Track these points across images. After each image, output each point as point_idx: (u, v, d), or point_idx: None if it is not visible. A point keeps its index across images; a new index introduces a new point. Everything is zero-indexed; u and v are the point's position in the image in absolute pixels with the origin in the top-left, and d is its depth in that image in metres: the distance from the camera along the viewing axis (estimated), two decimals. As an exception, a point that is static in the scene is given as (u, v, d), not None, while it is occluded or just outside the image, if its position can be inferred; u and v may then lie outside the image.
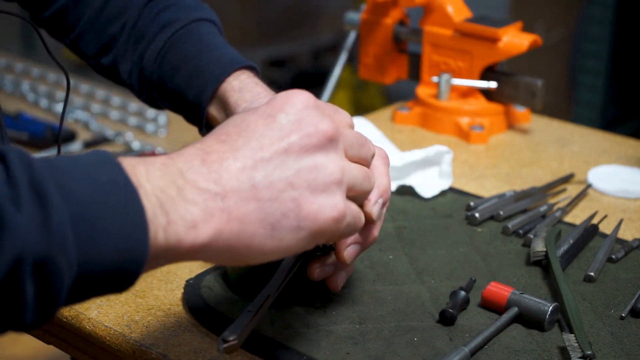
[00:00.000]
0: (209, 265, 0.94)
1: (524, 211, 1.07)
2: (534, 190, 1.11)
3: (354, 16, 1.43)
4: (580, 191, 1.13)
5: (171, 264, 0.66)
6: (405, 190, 1.11)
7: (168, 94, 0.99)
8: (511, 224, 1.02)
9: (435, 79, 1.34)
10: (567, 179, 1.17)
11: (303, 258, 0.83)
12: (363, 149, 0.74)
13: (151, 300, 0.89)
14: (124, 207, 0.60)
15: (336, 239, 0.75)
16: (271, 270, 0.82)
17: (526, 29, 1.33)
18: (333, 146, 0.70)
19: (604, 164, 1.23)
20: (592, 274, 0.92)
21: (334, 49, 3.61)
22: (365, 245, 0.82)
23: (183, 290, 0.90)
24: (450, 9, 1.33)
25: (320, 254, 0.83)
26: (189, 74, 0.96)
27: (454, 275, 0.93)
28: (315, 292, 0.87)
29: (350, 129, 0.74)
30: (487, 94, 1.34)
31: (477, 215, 1.04)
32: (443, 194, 1.11)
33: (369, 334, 0.83)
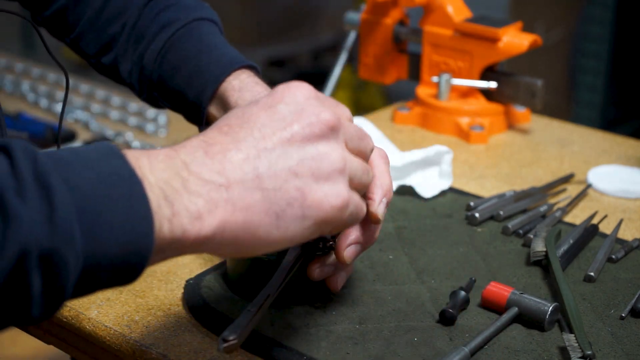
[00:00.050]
0: (209, 265, 0.94)
1: (524, 211, 1.07)
2: (534, 190, 1.11)
3: (354, 16, 1.43)
4: (580, 191, 1.13)
5: (177, 256, 0.66)
6: (405, 190, 1.11)
7: (168, 93, 0.99)
8: (511, 224, 1.02)
9: (435, 79, 1.34)
10: (567, 179, 1.17)
11: (303, 258, 0.83)
12: (363, 142, 0.74)
13: (151, 300, 0.89)
14: (129, 199, 0.60)
15: (340, 229, 0.75)
16: (271, 270, 0.82)
17: (526, 29, 1.33)
18: (335, 136, 0.70)
19: (604, 164, 1.23)
20: (592, 274, 0.92)
21: (334, 49, 3.61)
22: (366, 246, 0.82)
23: (183, 290, 0.90)
24: (450, 9, 1.33)
25: (320, 253, 0.83)
26: (189, 73, 0.96)
27: (454, 275, 0.93)
28: (315, 292, 0.87)
29: (350, 122, 0.74)
30: (487, 94, 1.34)
31: (477, 215, 1.04)
32: (443, 194, 1.11)
33: (369, 334, 0.83)
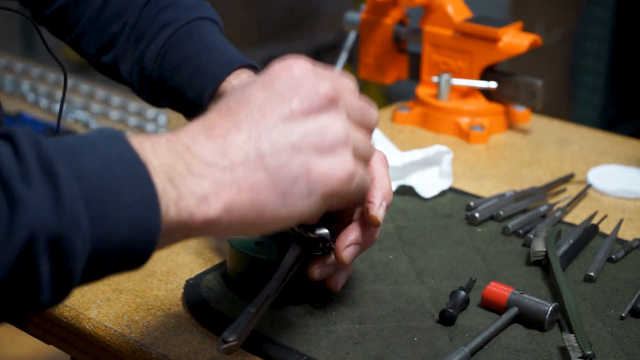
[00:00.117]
0: (209, 265, 0.94)
1: (524, 211, 1.07)
2: (534, 190, 1.11)
3: (354, 16, 1.43)
4: (580, 191, 1.13)
5: (185, 239, 0.66)
6: (405, 190, 1.11)
7: (168, 92, 0.99)
8: (511, 224, 1.02)
9: (435, 79, 1.34)
10: (567, 179, 1.17)
11: (303, 258, 0.83)
12: (365, 114, 0.73)
13: (151, 300, 0.89)
14: (134, 183, 0.60)
15: (347, 201, 0.75)
16: (271, 270, 0.82)
17: (526, 29, 1.33)
18: (335, 108, 0.69)
19: (604, 164, 1.23)
20: (592, 274, 0.92)
21: (334, 49, 3.61)
22: (365, 247, 0.82)
23: (183, 290, 0.90)
24: (450, 9, 1.33)
25: (320, 254, 0.83)
26: (189, 73, 0.96)
27: (454, 275, 0.93)
28: (315, 292, 0.87)
29: (352, 94, 0.73)
30: (487, 94, 1.34)
31: (477, 215, 1.04)
32: (443, 194, 1.11)
33: (369, 334, 0.83)
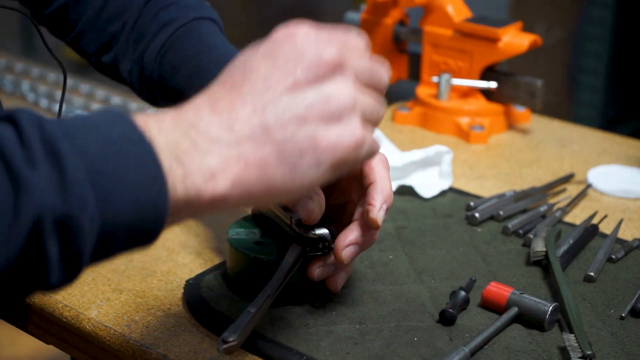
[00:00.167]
0: (209, 265, 0.94)
1: (524, 211, 1.07)
2: (534, 190, 1.11)
3: (354, 16, 1.43)
4: (580, 191, 1.13)
5: (196, 216, 0.65)
6: (405, 190, 1.11)
7: (168, 92, 0.99)
8: (511, 224, 1.02)
9: (435, 79, 1.34)
10: (567, 179, 1.17)
11: (303, 258, 0.83)
12: (375, 74, 0.71)
13: (151, 300, 0.89)
14: (140, 162, 0.60)
15: (357, 166, 0.74)
16: (271, 270, 0.82)
17: (526, 29, 1.33)
18: (340, 73, 0.67)
19: (604, 164, 1.23)
20: (592, 274, 0.92)
21: (334, 49, 3.60)
22: (364, 247, 0.82)
23: (183, 290, 0.90)
24: (450, 9, 1.33)
25: (320, 254, 0.83)
26: (189, 73, 0.96)
27: (454, 275, 0.93)
28: (315, 292, 0.87)
29: (360, 55, 0.71)
30: (487, 94, 1.34)
31: (477, 215, 1.04)
32: (443, 194, 1.11)
33: (369, 334, 0.83)
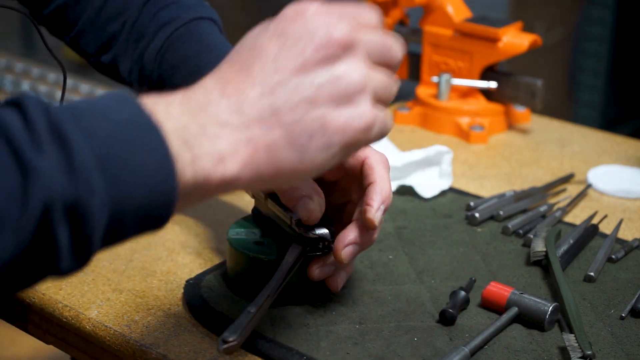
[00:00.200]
0: (209, 265, 0.94)
1: (524, 211, 1.07)
2: (534, 190, 1.11)
3: (354, 16, 1.42)
4: (580, 191, 1.13)
5: (206, 199, 0.65)
6: (405, 190, 1.11)
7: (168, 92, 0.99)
8: (511, 224, 1.02)
9: (435, 79, 1.34)
10: (567, 179, 1.17)
11: (303, 258, 0.83)
12: (387, 51, 0.70)
13: (151, 300, 0.89)
14: (147, 147, 0.59)
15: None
16: (271, 270, 0.82)
17: (526, 29, 1.33)
18: (351, 53, 0.66)
19: (604, 164, 1.23)
20: (592, 274, 0.92)
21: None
22: (364, 247, 0.82)
23: (183, 290, 0.90)
24: (450, 9, 1.33)
25: (320, 254, 0.83)
26: (189, 73, 0.96)
27: (454, 275, 0.93)
28: (315, 292, 0.87)
29: (372, 31, 0.69)
30: (487, 94, 1.34)
31: (477, 215, 1.04)
32: (443, 194, 1.11)
33: (369, 334, 0.83)
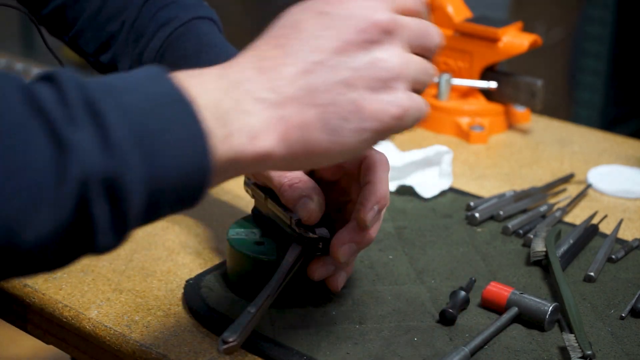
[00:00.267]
0: (209, 265, 0.94)
1: (524, 211, 1.07)
2: (534, 190, 1.11)
3: (354, 16, 1.42)
4: (580, 191, 1.13)
5: (240, 175, 0.65)
6: (405, 190, 1.11)
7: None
8: (511, 224, 1.02)
9: (435, 79, 1.34)
10: (567, 179, 1.17)
11: (303, 258, 0.83)
12: (426, 38, 0.70)
13: (151, 300, 0.89)
14: (181, 122, 0.58)
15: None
16: (271, 270, 0.82)
17: (526, 29, 1.33)
18: (390, 39, 0.66)
19: (604, 164, 1.23)
20: (592, 274, 0.92)
21: (334, 49, 3.60)
22: (361, 246, 0.82)
23: (183, 290, 0.90)
24: (450, 9, 1.34)
25: (320, 254, 0.83)
26: (188, 73, 0.96)
27: (454, 275, 0.93)
28: (315, 292, 0.87)
29: (411, 17, 0.69)
30: (487, 94, 1.34)
31: (477, 215, 1.04)
32: (443, 194, 1.11)
33: (369, 334, 0.83)
